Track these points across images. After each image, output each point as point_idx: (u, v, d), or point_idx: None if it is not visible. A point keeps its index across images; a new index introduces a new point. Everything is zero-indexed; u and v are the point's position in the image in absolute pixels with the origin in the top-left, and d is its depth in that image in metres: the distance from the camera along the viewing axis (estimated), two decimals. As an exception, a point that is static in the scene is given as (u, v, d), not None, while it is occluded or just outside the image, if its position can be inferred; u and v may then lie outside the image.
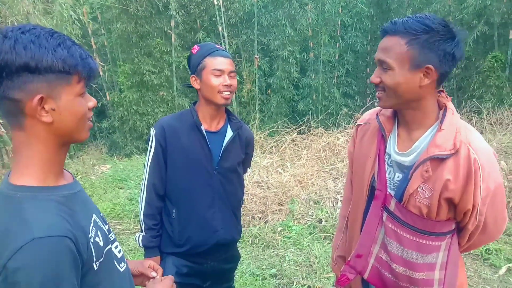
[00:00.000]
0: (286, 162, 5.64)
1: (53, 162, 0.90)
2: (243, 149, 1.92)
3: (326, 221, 4.49)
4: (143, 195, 1.80)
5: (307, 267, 3.66)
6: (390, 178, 1.37)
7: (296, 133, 6.36)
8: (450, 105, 1.30)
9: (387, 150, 1.38)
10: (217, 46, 1.78)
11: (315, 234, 4.29)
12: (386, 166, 1.37)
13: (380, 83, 1.29)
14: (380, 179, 1.37)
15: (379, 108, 1.47)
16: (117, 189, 5.76)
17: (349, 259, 1.49)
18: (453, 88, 9.84)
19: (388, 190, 1.36)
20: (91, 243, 0.89)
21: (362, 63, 11.49)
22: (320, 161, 5.67)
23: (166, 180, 1.80)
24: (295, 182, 5.10)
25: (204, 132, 1.77)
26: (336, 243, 1.68)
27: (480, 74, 8.42)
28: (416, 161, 1.27)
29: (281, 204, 4.76)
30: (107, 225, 1.03)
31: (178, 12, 8.84)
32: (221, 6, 9.49)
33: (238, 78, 10.44)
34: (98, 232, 0.94)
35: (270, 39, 9.79)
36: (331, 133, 6.31)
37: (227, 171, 1.83)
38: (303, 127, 6.46)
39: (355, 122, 6.50)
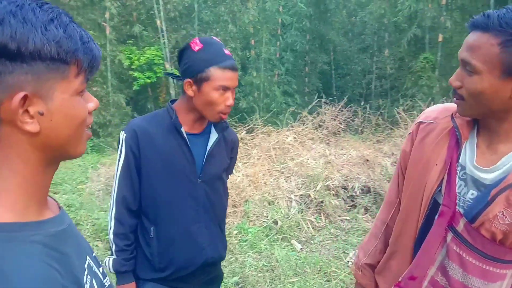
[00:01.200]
0: (237, 162, 5.48)
1: (36, 188, 0.64)
2: (229, 153, 1.68)
3: (281, 221, 4.39)
4: (112, 211, 1.53)
5: (269, 272, 3.52)
6: (460, 193, 1.18)
7: (244, 132, 6.21)
8: None
9: (460, 161, 1.18)
10: (225, 49, 1.48)
11: (272, 236, 4.17)
12: (457, 178, 1.18)
13: (460, 88, 1.09)
14: (449, 193, 1.18)
15: (452, 106, 1.25)
16: (51, 193, 5.18)
17: (399, 280, 1.29)
18: (387, 87, 10.35)
19: (457, 207, 1.17)
20: None
21: (301, 62, 11.68)
22: (271, 160, 5.57)
23: (140, 193, 1.54)
24: (248, 183, 4.95)
25: (185, 135, 1.51)
26: (368, 248, 1.47)
27: (413, 74, 8.92)
28: (503, 182, 1.08)
29: (235, 206, 4.59)
30: (101, 268, 0.79)
31: (113, 4, 8.29)
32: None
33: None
34: (94, 282, 0.71)
35: (211, 35, 9.52)
36: (279, 132, 6.25)
37: (212, 179, 1.59)
38: (252, 125, 6.33)
39: (302, 120, 6.44)
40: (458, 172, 1.18)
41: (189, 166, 1.53)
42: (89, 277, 0.69)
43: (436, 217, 1.20)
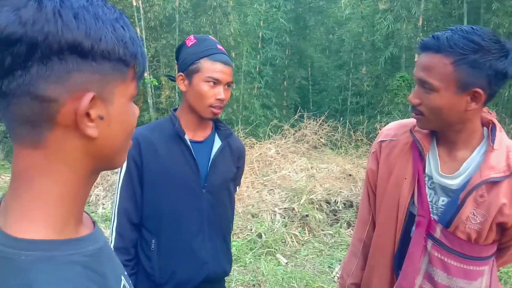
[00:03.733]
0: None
1: (76, 201, 0.59)
2: (235, 162, 1.63)
3: (265, 234, 4.35)
4: (113, 224, 1.45)
5: (256, 287, 3.46)
6: (432, 202, 1.25)
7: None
8: (496, 121, 1.22)
9: (426, 171, 1.26)
10: (218, 45, 1.48)
11: (257, 249, 4.12)
12: (426, 188, 1.26)
13: (419, 105, 1.17)
14: (422, 203, 1.25)
15: (408, 122, 1.35)
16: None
17: None
18: (364, 104, 10.57)
19: (432, 215, 1.24)
20: None
21: (280, 76, 11.78)
22: (254, 172, 5.54)
23: (142, 205, 1.47)
24: (231, 195, 4.89)
25: (189, 142, 1.47)
26: (349, 268, 1.52)
27: (389, 92, 9.13)
28: (468, 185, 1.16)
29: (219, 219, 4.51)
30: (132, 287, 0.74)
31: (93, 9, 8.09)
32: (140, 8, 8.96)
33: (156, 83, 9.96)
34: None
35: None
36: (262, 144, 6.23)
37: (217, 189, 1.54)
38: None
39: (284, 134, 6.47)
40: (426, 182, 1.26)
41: (193, 175, 1.48)
42: None
43: (414, 228, 1.27)
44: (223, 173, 1.56)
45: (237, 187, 1.74)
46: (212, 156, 1.52)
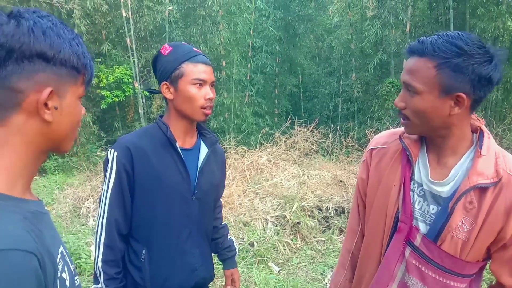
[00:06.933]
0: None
1: (26, 171, 0.76)
2: (220, 169, 1.65)
3: (258, 243, 4.33)
4: (101, 236, 1.43)
5: (248, 295, 3.44)
6: (422, 210, 1.23)
7: (218, 152, 6.16)
8: (484, 128, 1.21)
9: (415, 178, 1.24)
10: (194, 49, 1.49)
11: (249, 258, 4.10)
12: (415, 196, 1.24)
13: (404, 108, 1.17)
14: (405, 210, 1.23)
15: (398, 130, 1.34)
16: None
17: None
18: (354, 110, 10.64)
19: (416, 223, 1.22)
20: (57, 277, 0.73)
21: (271, 84, 11.83)
22: (245, 180, 5.54)
23: (131, 215, 1.46)
24: (223, 204, 4.87)
25: (180, 150, 1.47)
26: (338, 280, 1.49)
27: (379, 98, 9.21)
28: (456, 192, 1.15)
29: (211, 228, 4.49)
30: (73, 265, 0.84)
31: (82, 21, 8.11)
32: (130, 18, 8.98)
33: (146, 94, 9.94)
34: (65, 268, 0.78)
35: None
36: (253, 152, 6.24)
37: (205, 196, 1.55)
38: (225, 145, 6.30)
39: (275, 141, 6.48)
40: (415, 189, 1.25)
41: (183, 183, 1.48)
42: (61, 261, 0.76)
43: (394, 233, 1.25)
44: (210, 179, 1.57)
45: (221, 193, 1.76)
46: (200, 163, 1.53)
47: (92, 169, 7.00)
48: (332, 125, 8.83)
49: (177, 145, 1.46)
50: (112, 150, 1.44)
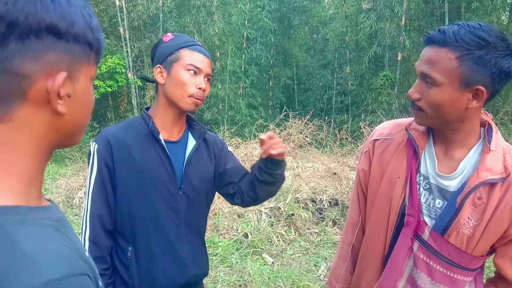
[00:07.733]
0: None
1: (37, 173, 0.61)
2: (213, 161, 1.55)
3: (252, 234, 4.34)
4: (86, 232, 1.37)
5: (242, 287, 3.45)
6: (427, 204, 1.20)
7: (212, 144, 6.14)
8: (492, 123, 1.19)
9: (421, 171, 1.22)
10: (197, 42, 1.46)
11: (243, 249, 4.11)
12: (421, 189, 1.21)
13: (419, 100, 1.13)
14: (412, 203, 1.21)
15: (403, 121, 1.31)
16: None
17: None
18: (348, 102, 10.65)
19: (422, 216, 1.20)
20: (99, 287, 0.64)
21: (265, 76, 11.80)
22: (239, 172, 5.53)
23: (115, 210, 1.41)
24: (216, 195, 4.86)
25: (163, 142, 1.40)
26: (338, 273, 1.46)
27: (373, 91, 9.23)
28: (465, 187, 1.12)
29: (205, 219, 4.49)
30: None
31: (74, 9, 7.97)
32: (123, 7, 8.87)
33: (140, 84, 9.85)
34: (97, 274, 0.68)
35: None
36: (247, 144, 6.23)
37: (194, 190, 1.48)
38: (220, 137, 6.28)
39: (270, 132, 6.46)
40: (421, 182, 1.21)
41: (168, 177, 1.41)
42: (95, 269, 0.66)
43: (402, 228, 1.22)
44: (199, 173, 1.49)
45: (245, 174, 1.58)
46: (186, 156, 1.46)
47: (84, 160, 6.95)
48: (326, 117, 8.84)
49: (161, 137, 1.40)
50: (94, 143, 1.39)
